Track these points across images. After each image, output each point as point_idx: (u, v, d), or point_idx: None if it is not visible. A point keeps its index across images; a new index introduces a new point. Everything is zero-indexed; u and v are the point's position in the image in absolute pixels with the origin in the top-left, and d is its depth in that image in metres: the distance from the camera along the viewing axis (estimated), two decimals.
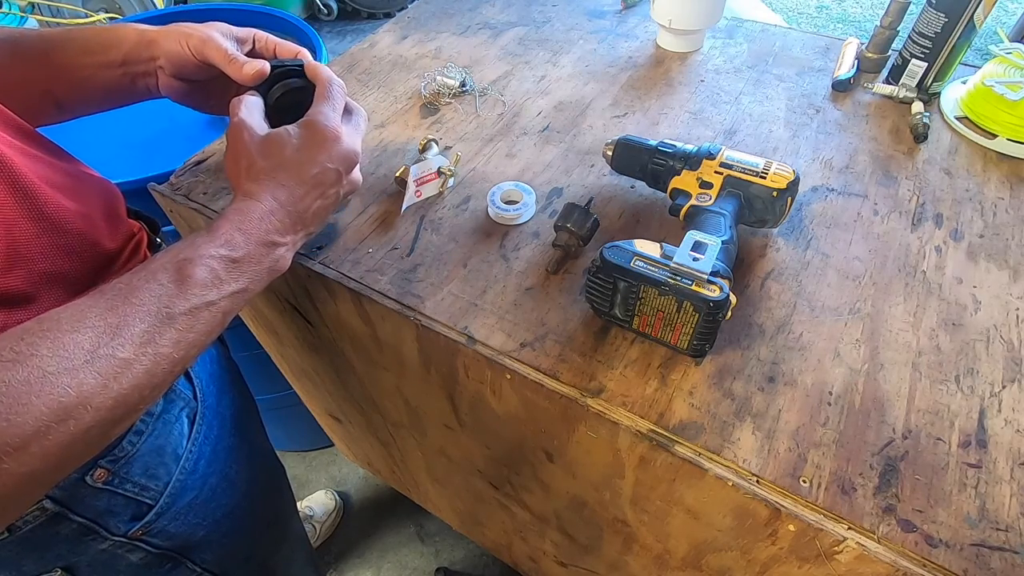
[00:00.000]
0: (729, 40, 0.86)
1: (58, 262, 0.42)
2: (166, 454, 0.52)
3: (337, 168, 0.47)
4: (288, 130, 0.46)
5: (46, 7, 2.17)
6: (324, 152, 0.46)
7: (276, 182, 0.44)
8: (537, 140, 0.70)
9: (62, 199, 0.43)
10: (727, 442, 0.43)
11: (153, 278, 0.37)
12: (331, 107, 0.48)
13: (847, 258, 0.55)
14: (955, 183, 0.63)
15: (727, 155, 0.53)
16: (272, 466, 0.78)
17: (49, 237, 0.41)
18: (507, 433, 0.60)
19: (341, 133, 0.47)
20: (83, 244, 0.44)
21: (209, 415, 0.58)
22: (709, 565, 0.55)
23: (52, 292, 0.42)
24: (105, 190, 0.50)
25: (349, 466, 1.50)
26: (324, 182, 0.46)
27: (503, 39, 0.88)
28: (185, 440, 0.54)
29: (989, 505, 0.40)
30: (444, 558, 1.33)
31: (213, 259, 0.39)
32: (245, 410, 0.68)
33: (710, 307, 0.41)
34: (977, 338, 0.49)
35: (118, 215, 0.50)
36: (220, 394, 0.61)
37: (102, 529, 0.49)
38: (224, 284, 0.40)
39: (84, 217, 0.44)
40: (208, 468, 0.57)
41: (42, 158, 0.44)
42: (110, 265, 0.47)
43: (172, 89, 0.53)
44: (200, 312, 0.38)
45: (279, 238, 0.44)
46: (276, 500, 0.78)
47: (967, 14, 0.65)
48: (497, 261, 0.57)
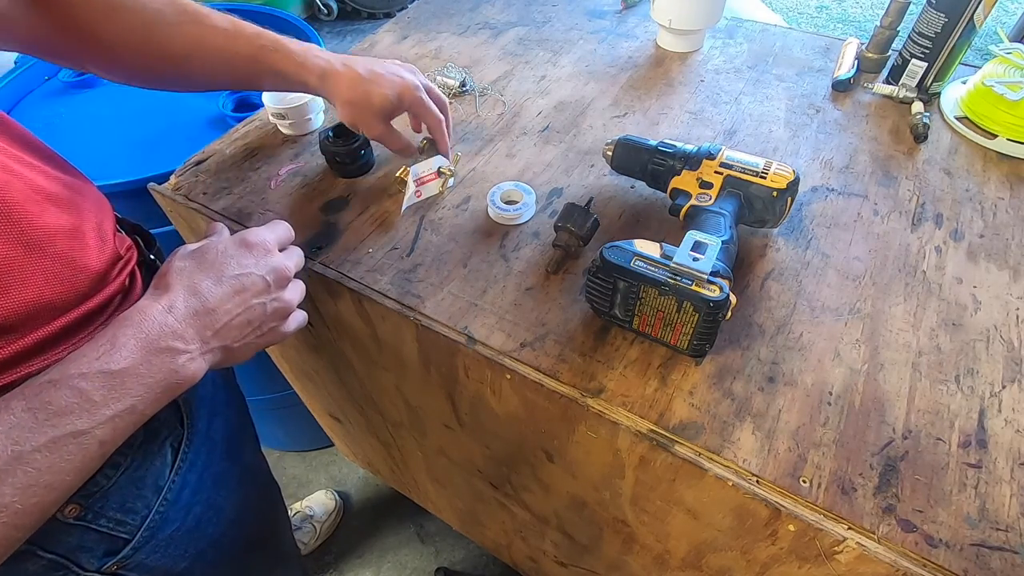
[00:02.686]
0: (729, 40, 0.86)
1: (42, 289, 0.38)
2: (146, 486, 0.48)
3: (264, 276, 0.43)
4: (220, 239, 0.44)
5: None
6: (251, 258, 0.43)
7: (189, 280, 0.40)
8: (537, 140, 0.70)
9: (52, 213, 0.40)
10: (727, 442, 0.43)
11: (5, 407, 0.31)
12: (267, 229, 0.47)
13: (847, 258, 0.55)
14: (955, 183, 0.63)
15: (727, 155, 0.53)
16: (265, 485, 0.73)
17: (34, 261, 0.38)
18: (507, 433, 0.60)
19: (272, 248, 0.45)
20: (69, 268, 0.40)
21: (197, 441, 0.53)
22: (709, 565, 0.55)
23: (34, 321, 0.38)
24: (98, 203, 0.47)
25: (349, 466, 1.50)
26: (247, 287, 0.42)
27: (503, 39, 0.88)
28: (168, 470, 0.49)
29: (989, 505, 0.40)
30: (444, 558, 1.33)
31: (83, 377, 0.33)
32: (239, 429, 0.64)
33: (710, 307, 0.41)
34: (977, 338, 0.49)
35: (108, 231, 0.47)
36: (211, 417, 0.56)
37: (73, 565, 0.45)
38: (97, 408, 0.33)
39: (73, 233, 0.41)
40: (193, 497, 0.52)
41: (37, 166, 0.42)
42: (97, 288, 0.43)
43: None
44: (62, 445, 0.32)
45: (180, 344, 0.37)
46: (268, 522, 0.74)
47: (967, 14, 0.65)
48: (497, 261, 0.57)
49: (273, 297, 0.44)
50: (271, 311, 0.44)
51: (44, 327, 0.38)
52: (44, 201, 0.40)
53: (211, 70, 0.53)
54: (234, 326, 0.41)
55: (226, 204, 0.64)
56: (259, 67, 0.54)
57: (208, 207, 0.64)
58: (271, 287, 0.44)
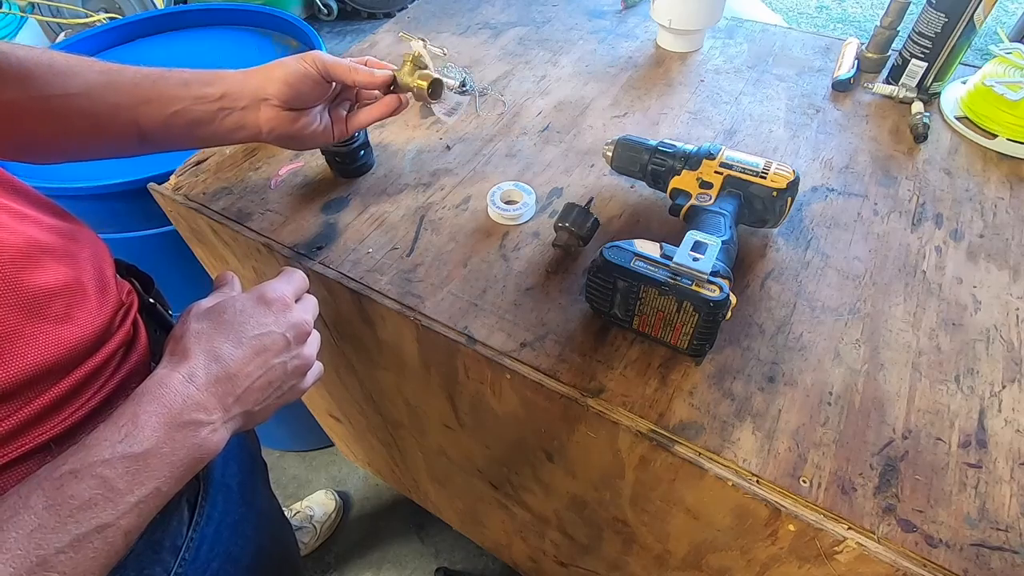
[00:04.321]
0: (729, 40, 0.86)
1: (44, 354, 0.35)
2: (163, 548, 0.45)
3: (284, 334, 0.41)
4: (235, 296, 0.42)
5: (46, 7, 2.17)
6: (271, 315, 0.41)
7: (208, 344, 0.38)
8: (537, 140, 0.70)
9: (50, 270, 0.37)
10: (727, 442, 0.43)
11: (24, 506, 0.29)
12: (284, 282, 0.45)
13: (847, 258, 0.55)
14: (955, 183, 0.63)
15: (727, 155, 0.53)
16: (279, 528, 0.70)
17: (33, 326, 0.35)
18: (507, 433, 0.60)
19: (291, 302, 0.43)
20: (71, 327, 0.38)
21: (213, 491, 0.50)
22: (709, 565, 0.55)
23: (35, 387, 0.35)
24: (95, 248, 0.45)
25: (349, 466, 1.50)
26: (268, 347, 0.40)
27: (503, 39, 0.88)
28: (185, 528, 0.47)
29: (989, 505, 0.40)
30: (444, 558, 1.33)
31: (106, 464, 0.31)
32: (251, 471, 0.60)
33: (710, 307, 0.41)
34: (977, 338, 0.49)
35: (109, 277, 0.45)
36: (225, 462, 0.54)
37: None
38: (122, 496, 0.31)
39: (73, 288, 0.39)
40: (210, 552, 0.49)
41: (30, 216, 0.39)
42: (100, 343, 0.41)
43: (277, 122, 0.52)
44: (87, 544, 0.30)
45: (203, 416, 0.36)
46: (284, 565, 0.70)
47: (967, 14, 0.65)
48: (497, 261, 0.57)
49: (293, 355, 0.42)
50: (291, 369, 0.42)
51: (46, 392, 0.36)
52: (41, 255, 0.37)
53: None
54: (255, 389, 0.40)
55: (226, 204, 0.64)
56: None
57: (208, 207, 0.64)
58: (291, 344, 0.42)
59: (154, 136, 0.50)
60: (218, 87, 0.50)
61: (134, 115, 0.48)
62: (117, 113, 0.47)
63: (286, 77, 0.50)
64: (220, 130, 0.52)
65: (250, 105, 0.51)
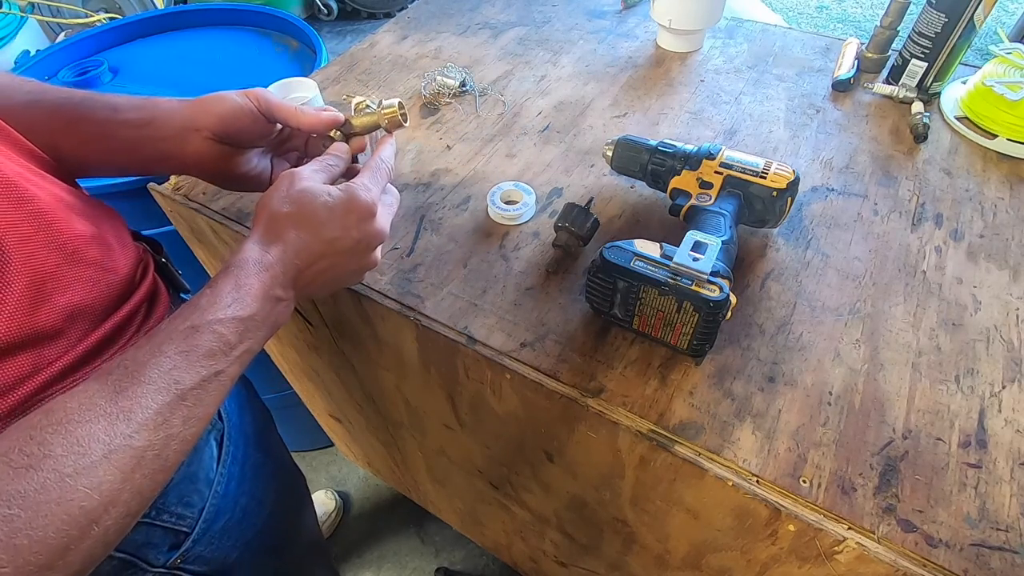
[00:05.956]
0: (729, 40, 0.86)
1: (81, 293, 0.40)
2: (199, 480, 0.51)
3: (359, 240, 0.44)
4: (327, 189, 0.43)
5: (46, 7, 2.17)
6: (353, 221, 0.43)
7: (293, 232, 0.42)
8: (537, 140, 0.70)
9: (79, 223, 0.42)
10: (727, 442, 0.43)
11: (159, 351, 0.34)
12: (373, 180, 0.46)
13: (847, 258, 0.55)
14: (955, 183, 0.63)
15: (727, 155, 0.53)
16: (293, 476, 0.77)
17: (71, 268, 0.40)
18: (507, 433, 0.60)
19: (376, 209, 0.45)
20: (101, 272, 0.43)
21: (235, 434, 0.57)
22: (709, 565, 0.55)
23: (77, 325, 0.40)
24: (111, 213, 0.49)
25: (349, 466, 1.50)
26: (341, 250, 0.43)
27: (503, 39, 0.88)
28: (215, 463, 0.53)
29: (989, 505, 0.40)
30: (444, 558, 1.33)
31: (220, 323, 0.37)
32: (264, 424, 0.67)
33: (710, 307, 0.41)
34: (977, 338, 0.49)
35: (125, 235, 0.49)
36: (241, 411, 0.60)
37: (141, 562, 0.47)
38: (232, 348, 0.37)
39: (98, 242, 0.43)
40: (239, 489, 0.56)
41: (51, 179, 0.43)
42: (127, 294, 0.46)
43: (207, 156, 0.49)
44: (208, 384, 0.36)
45: (282, 293, 0.41)
46: (300, 512, 0.77)
47: (967, 14, 0.65)
48: (497, 261, 0.57)
49: (362, 258, 0.45)
50: (356, 268, 0.46)
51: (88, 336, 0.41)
52: (68, 210, 0.41)
53: None
54: (320, 283, 0.44)
55: (226, 204, 0.64)
56: None
57: (208, 207, 0.64)
58: (363, 253, 0.45)
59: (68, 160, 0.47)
60: (147, 113, 0.48)
61: (52, 139, 0.46)
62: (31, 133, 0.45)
63: (221, 110, 0.48)
64: (142, 157, 0.49)
65: (178, 135, 0.48)
